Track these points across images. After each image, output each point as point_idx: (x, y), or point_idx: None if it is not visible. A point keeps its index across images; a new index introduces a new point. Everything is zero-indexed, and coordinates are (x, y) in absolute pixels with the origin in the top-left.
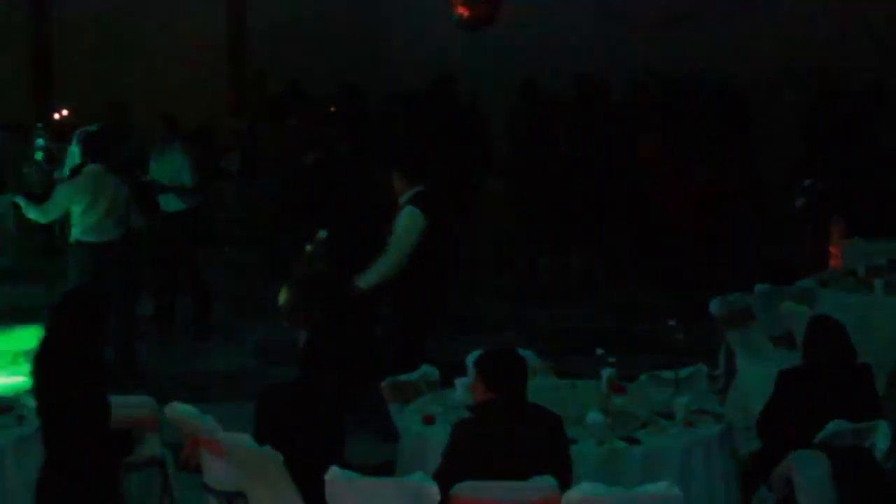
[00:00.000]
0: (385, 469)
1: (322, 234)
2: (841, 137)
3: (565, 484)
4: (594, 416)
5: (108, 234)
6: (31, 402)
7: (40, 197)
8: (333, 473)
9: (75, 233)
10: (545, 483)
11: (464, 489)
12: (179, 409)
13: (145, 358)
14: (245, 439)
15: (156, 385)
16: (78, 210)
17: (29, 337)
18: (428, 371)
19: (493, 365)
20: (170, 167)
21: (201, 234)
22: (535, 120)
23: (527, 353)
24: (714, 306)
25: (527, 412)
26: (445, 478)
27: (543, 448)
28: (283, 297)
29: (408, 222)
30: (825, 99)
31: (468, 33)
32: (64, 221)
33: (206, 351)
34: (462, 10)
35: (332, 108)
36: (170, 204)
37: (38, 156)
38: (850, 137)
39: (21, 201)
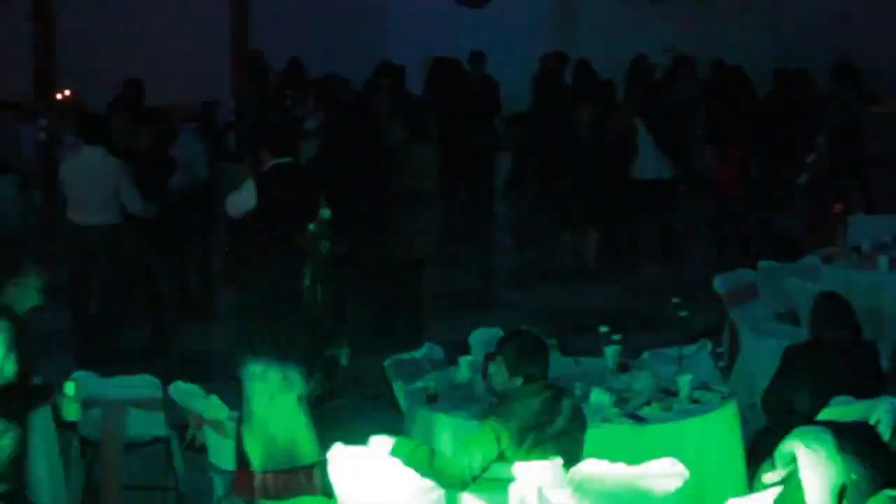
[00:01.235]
0: None
1: (325, 213)
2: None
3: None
4: (598, 394)
5: (95, 217)
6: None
7: None
8: (337, 450)
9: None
10: (552, 464)
11: None
12: (184, 389)
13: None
14: None
15: (160, 365)
16: (64, 190)
17: None
18: (432, 349)
19: (516, 347)
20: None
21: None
22: (557, 99)
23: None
24: (718, 283)
25: (550, 395)
26: (473, 461)
27: (565, 430)
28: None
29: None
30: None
31: (474, 13)
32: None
33: (211, 330)
34: None
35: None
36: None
37: (41, 136)
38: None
39: None
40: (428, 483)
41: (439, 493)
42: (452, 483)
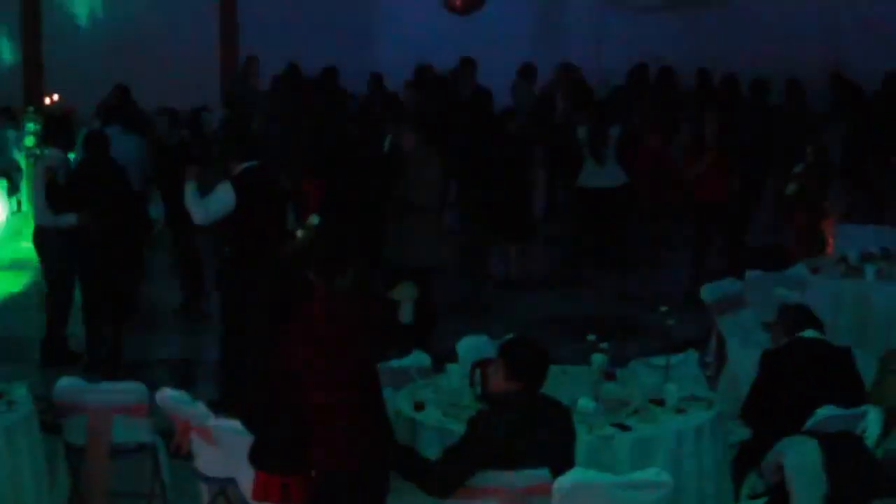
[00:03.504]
0: None
1: (314, 219)
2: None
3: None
4: (585, 403)
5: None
6: (22, 390)
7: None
8: None
9: None
10: (539, 471)
11: None
12: (170, 396)
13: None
14: (236, 425)
15: (147, 371)
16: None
17: None
18: (420, 357)
19: (518, 354)
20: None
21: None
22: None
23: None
24: (705, 293)
25: (542, 404)
26: (460, 467)
27: (555, 440)
28: None
29: (221, 194)
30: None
31: (461, 20)
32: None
33: (198, 337)
34: None
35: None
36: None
37: (29, 141)
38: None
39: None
40: None
41: None
42: (438, 490)
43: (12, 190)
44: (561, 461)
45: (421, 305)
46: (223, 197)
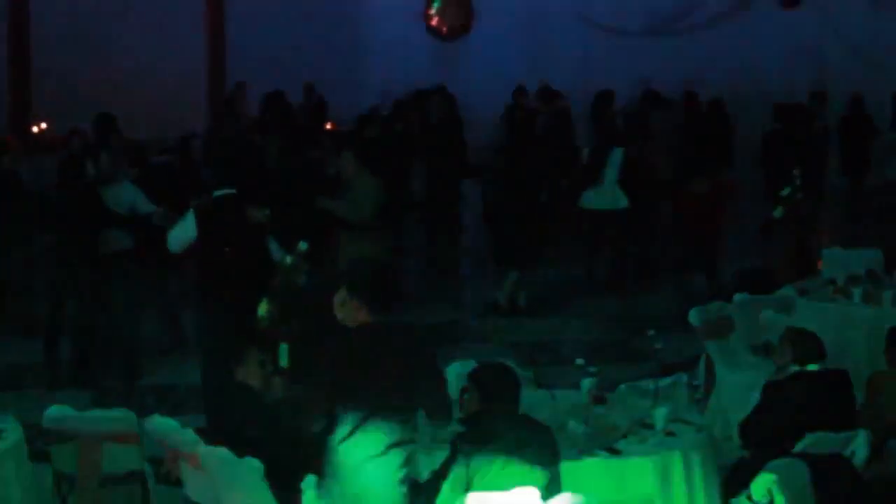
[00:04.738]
0: None
1: (303, 245)
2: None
3: (553, 496)
4: (574, 427)
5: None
6: (12, 420)
7: None
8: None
9: None
10: (528, 494)
11: None
12: (159, 423)
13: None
14: (224, 453)
15: (136, 398)
16: None
17: None
18: None
19: (488, 377)
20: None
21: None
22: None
23: (509, 364)
24: (693, 316)
25: (519, 423)
26: (443, 489)
27: (535, 459)
28: (262, 309)
29: (184, 223)
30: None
31: (447, 44)
32: None
33: (186, 363)
34: (437, 22)
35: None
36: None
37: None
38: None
39: None
40: None
41: None
42: None
43: None
44: (545, 481)
45: None
46: (184, 226)
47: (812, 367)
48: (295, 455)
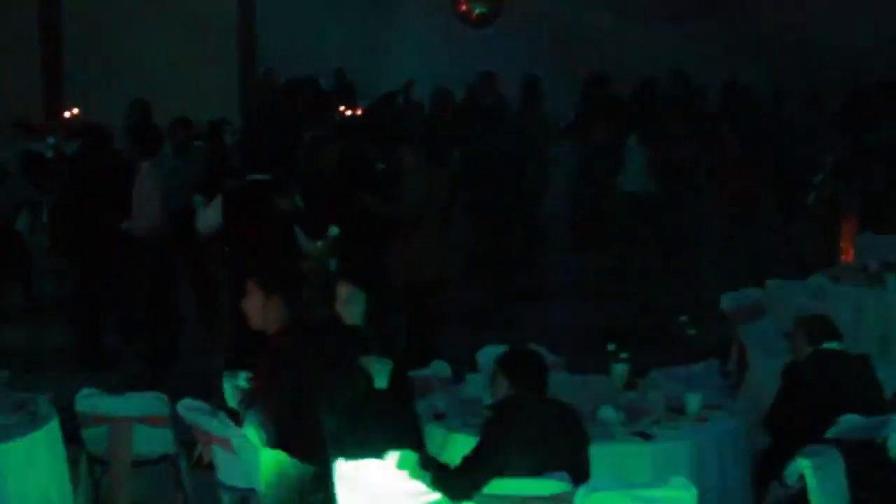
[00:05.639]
0: None
1: (333, 230)
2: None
3: (581, 480)
4: (606, 412)
5: None
6: (45, 402)
7: None
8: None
9: None
10: (559, 479)
11: None
12: (192, 406)
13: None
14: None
15: (169, 382)
16: None
17: None
18: (440, 367)
19: (516, 363)
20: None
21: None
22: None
23: (539, 350)
24: (725, 302)
25: (548, 407)
26: (478, 471)
27: (564, 443)
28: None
29: (210, 208)
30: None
31: (474, 31)
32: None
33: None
34: (466, 7)
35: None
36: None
37: (49, 154)
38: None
39: None
40: (421, 488)
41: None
42: (457, 497)
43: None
44: (576, 466)
45: (426, 315)
46: (209, 211)
47: (829, 346)
48: None
